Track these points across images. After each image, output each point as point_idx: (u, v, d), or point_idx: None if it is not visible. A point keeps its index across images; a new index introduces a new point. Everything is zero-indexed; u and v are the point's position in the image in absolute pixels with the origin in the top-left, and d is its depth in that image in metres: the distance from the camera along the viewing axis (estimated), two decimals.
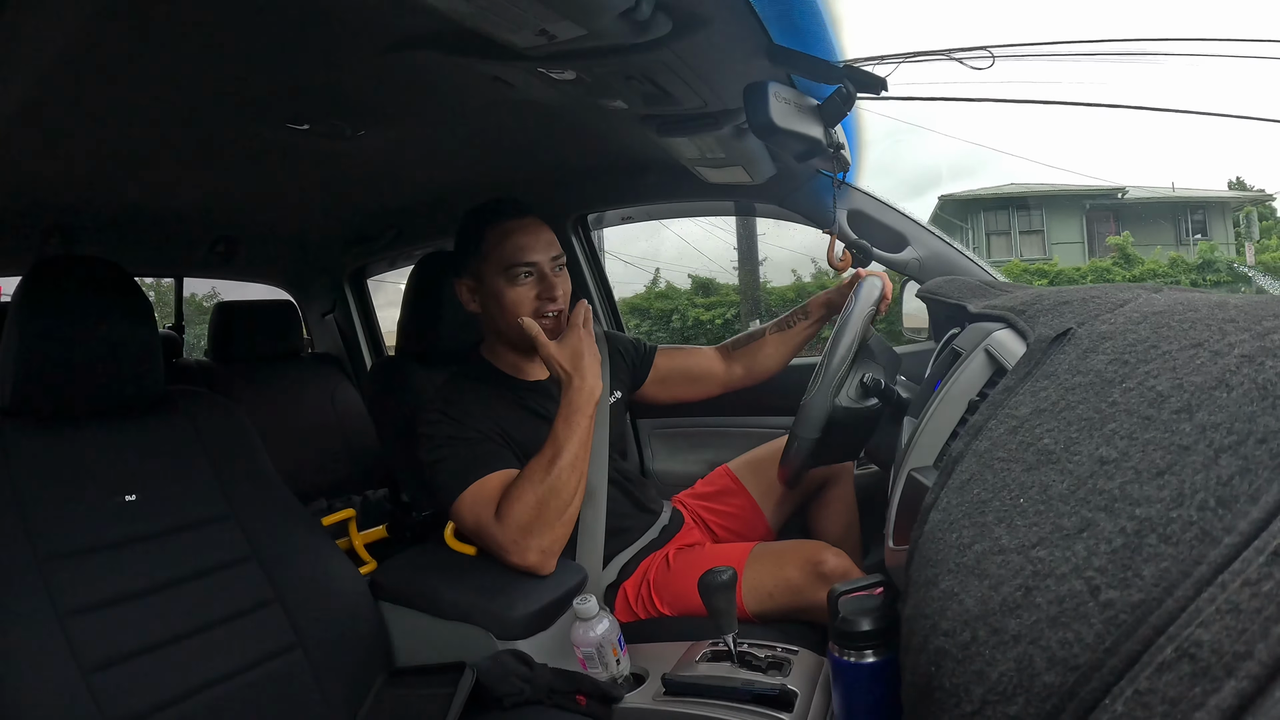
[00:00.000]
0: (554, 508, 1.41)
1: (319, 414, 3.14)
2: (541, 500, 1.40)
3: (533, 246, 1.57)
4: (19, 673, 1.06)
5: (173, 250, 2.80)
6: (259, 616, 1.33)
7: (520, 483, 1.43)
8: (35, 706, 1.05)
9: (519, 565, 1.41)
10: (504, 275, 1.56)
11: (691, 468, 2.39)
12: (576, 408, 1.46)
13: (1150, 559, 0.38)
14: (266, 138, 1.69)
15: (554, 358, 1.49)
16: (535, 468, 1.43)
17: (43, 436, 1.27)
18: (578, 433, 1.45)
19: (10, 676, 1.05)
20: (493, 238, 1.57)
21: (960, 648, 0.47)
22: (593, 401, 1.48)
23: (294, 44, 1.27)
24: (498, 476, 1.47)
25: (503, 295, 1.57)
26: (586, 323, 1.53)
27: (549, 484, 1.41)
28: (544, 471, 1.42)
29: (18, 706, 1.04)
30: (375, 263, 3.31)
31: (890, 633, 0.97)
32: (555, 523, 1.41)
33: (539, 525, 1.40)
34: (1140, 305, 0.68)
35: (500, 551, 1.42)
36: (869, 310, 1.55)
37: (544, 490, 1.40)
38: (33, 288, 1.28)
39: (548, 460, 1.43)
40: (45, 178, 1.82)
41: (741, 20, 1.19)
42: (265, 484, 1.47)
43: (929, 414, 1.06)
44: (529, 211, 1.61)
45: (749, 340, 1.99)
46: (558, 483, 1.41)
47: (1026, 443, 0.59)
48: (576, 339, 1.50)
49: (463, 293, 1.65)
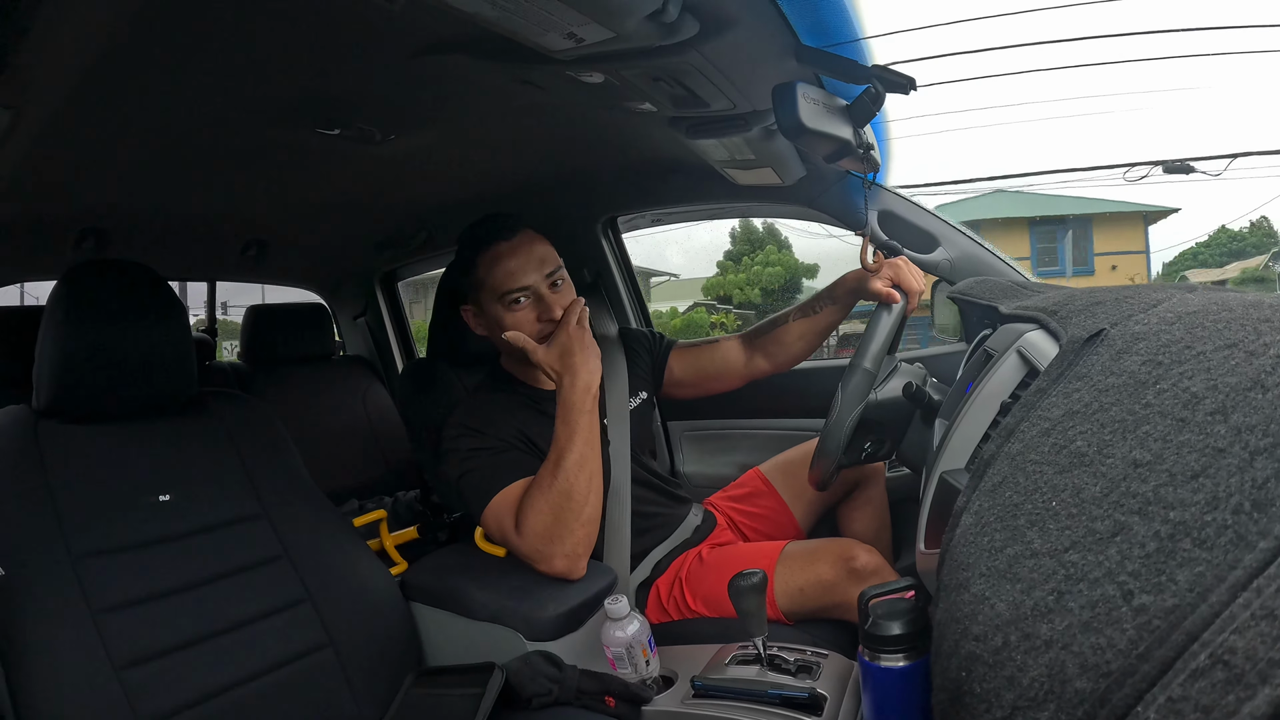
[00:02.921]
0: (569, 510, 1.40)
1: (350, 416, 3.16)
2: (555, 505, 1.39)
3: (524, 270, 1.54)
4: (52, 669, 1.08)
5: (205, 254, 2.83)
6: (290, 615, 1.34)
7: (531, 492, 1.42)
8: (68, 703, 1.07)
9: (549, 574, 1.41)
10: (500, 303, 1.55)
11: (723, 470, 2.39)
12: (572, 405, 1.45)
13: (1184, 563, 0.37)
14: (297, 142, 1.70)
15: (543, 362, 1.49)
16: (543, 474, 1.43)
17: (77, 437, 1.29)
18: (579, 431, 1.44)
19: (44, 673, 1.07)
20: (484, 265, 1.56)
21: (992, 653, 0.47)
22: (589, 395, 1.46)
23: (324, 49, 1.28)
24: (520, 485, 1.47)
25: (502, 322, 1.55)
26: (581, 320, 1.51)
27: (559, 488, 1.40)
28: (551, 475, 1.41)
29: (51, 702, 1.05)
30: (406, 266, 3.33)
31: (921, 637, 0.96)
32: (574, 525, 1.40)
33: (558, 530, 1.39)
34: (1174, 305, 0.67)
35: (528, 562, 1.43)
36: (901, 307, 1.54)
37: (555, 495, 1.40)
38: (67, 292, 1.30)
39: (553, 464, 1.42)
40: (79, 183, 1.84)
41: (769, 21, 1.18)
42: (297, 484, 1.49)
43: (961, 416, 1.05)
44: (519, 227, 1.59)
45: (771, 327, 1.89)
46: (567, 485, 1.40)
47: (1059, 445, 0.59)
48: (565, 337, 1.48)
49: (469, 318, 1.65)
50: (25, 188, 1.76)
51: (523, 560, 1.44)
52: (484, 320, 1.62)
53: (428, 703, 1.30)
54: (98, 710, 1.09)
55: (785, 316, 1.88)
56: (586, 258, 2.47)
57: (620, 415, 1.70)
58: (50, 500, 1.20)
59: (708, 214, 2.69)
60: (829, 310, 1.82)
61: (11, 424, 1.26)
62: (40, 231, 2.12)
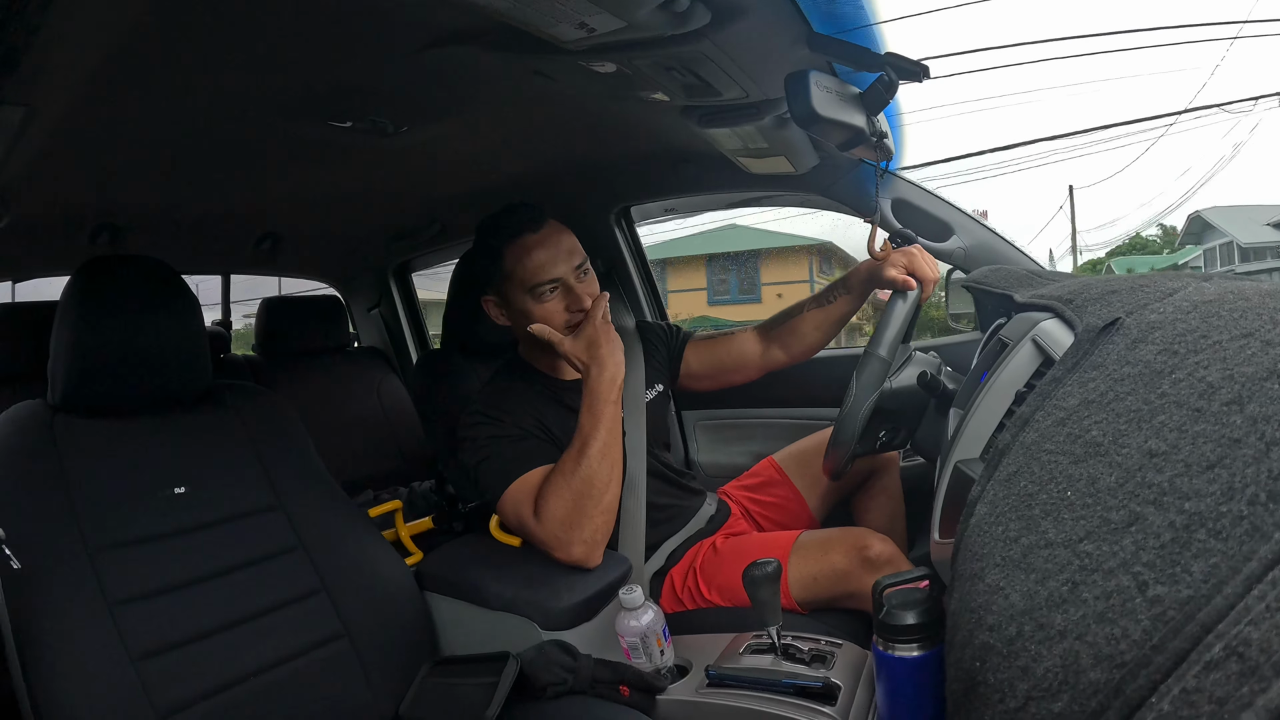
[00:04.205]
0: (590, 498, 1.41)
1: (365, 407, 3.17)
2: (577, 492, 1.41)
3: (554, 262, 1.54)
4: (69, 661, 1.09)
5: (219, 248, 2.84)
6: (306, 606, 1.35)
7: (553, 478, 1.44)
8: (85, 694, 1.08)
9: (565, 561, 1.42)
10: (529, 295, 1.55)
11: (736, 459, 2.39)
12: (598, 395, 1.46)
13: (1199, 554, 0.37)
14: (309, 135, 1.71)
15: (571, 352, 1.50)
16: (566, 461, 1.44)
17: (93, 430, 1.30)
18: (604, 421, 1.45)
19: (61, 664, 1.08)
20: (511, 257, 1.55)
21: (1005, 643, 0.47)
22: (615, 387, 1.48)
23: (334, 42, 1.28)
24: (538, 472, 1.48)
25: (530, 313, 1.55)
26: (605, 316, 1.53)
27: (581, 475, 1.42)
28: (574, 463, 1.43)
29: (68, 693, 1.06)
30: (420, 257, 3.34)
31: (935, 627, 0.96)
32: (594, 513, 1.42)
33: (577, 517, 1.40)
34: (1190, 294, 0.67)
35: (545, 549, 1.44)
36: (913, 297, 1.53)
37: (577, 482, 1.41)
38: (82, 286, 1.30)
39: (576, 451, 1.44)
40: (93, 178, 1.85)
41: (781, 9, 1.18)
42: (312, 476, 1.49)
43: (975, 405, 1.05)
44: (544, 218, 1.59)
45: (786, 318, 1.87)
46: (589, 472, 1.42)
47: (1074, 435, 0.59)
48: (592, 329, 1.50)
49: (490, 309, 1.65)
50: (40, 183, 1.77)
51: (539, 547, 1.45)
52: (508, 311, 1.62)
53: (443, 692, 1.31)
54: (114, 701, 1.10)
55: (800, 307, 1.86)
56: (600, 249, 2.47)
57: (636, 407, 1.71)
58: (66, 493, 1.21)
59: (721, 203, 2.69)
60: (844, 300, 1.80)
61: (27, 418, 1.27)
62: (55, 227, 2.13)
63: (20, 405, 1.29)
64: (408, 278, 3.45)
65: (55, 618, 1.10)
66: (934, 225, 1.96)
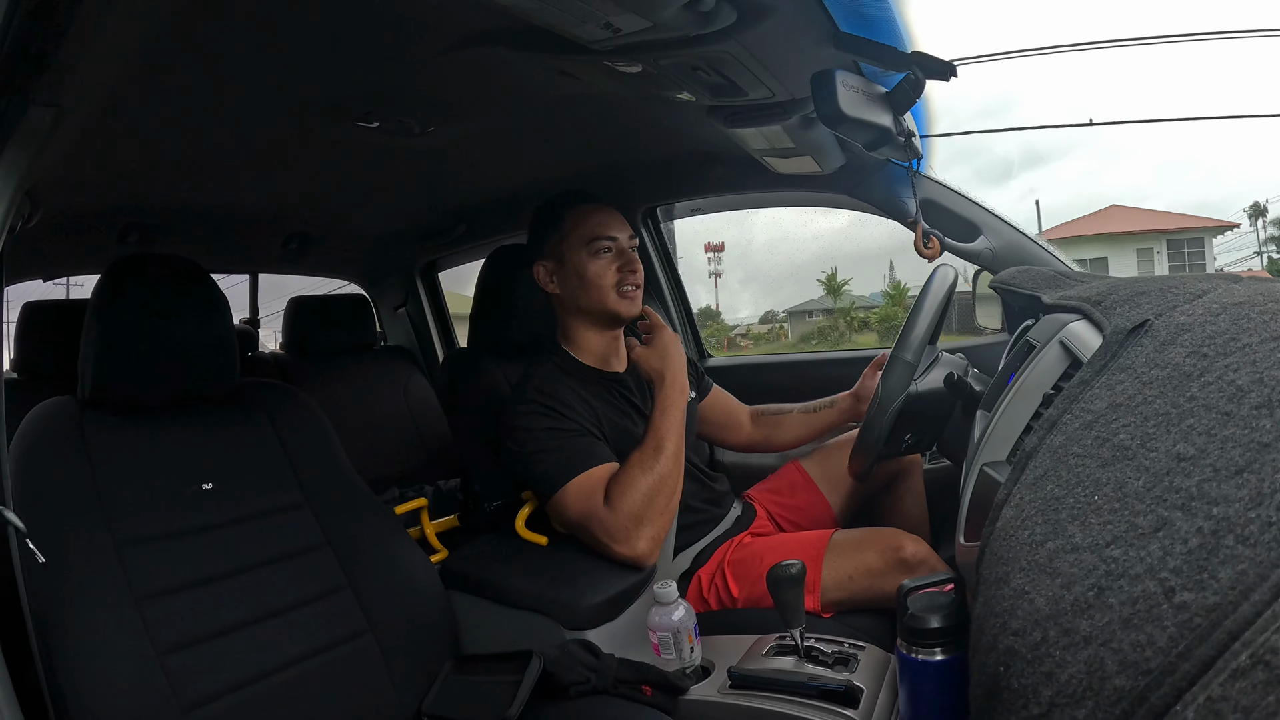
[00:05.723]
0: (663, 496, 1.44)
1: (392, 405, 3.19)
2: (652, 489, 1.43)
3: (611, 224, 1.64)
4: (96, 655, 1.10)
5: (247, 247, 2.86)
6: (331, 602, 1.36)
7: (630, 471, 1.45)
8: (112, 687, 1.09)
9: (627, 555, 1.43)
10: (586, 249, 1.61)
11: (763, 461, 2.38)
12: (670, 402, 1.52)
13: (1227, 560, 0.36)
14: (337, 136, 1.73)
15: (645, 359, 1.56)
16: (643, 458, 1.46)
17: (122, 427, 1.32)
18: (675, 427, 1.50)
19: (87, 657, 1.09)
20: (572, 218, 1.64)
21: (1030, 648, 0.46)
22: (684, 397, 1.53)
23: (362, 43, 1.30)
24: (604, 469, 1.49)
25: (585, 269, 1.61)
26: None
27: (658, 473, 1.44)
28: (652, 460, 1.45)
29: (94, 687, 1.07)
30: (447, 257, 3.35)
31: (959, 630, 0.96)
32: (664, 511, 1.45)
33: (650, 514, 1.42)
34: (1219, 296, 0.66)
35: (609, 540, 1.43)
36: (942, 297, 1.52)
37: (654, 479, 1.44)
38: (112, 284, 1.32)
39: (653, 450, 1.47)
40: (122, 178, 1.88)
41: (807, 8, 1.17)
42: (338, 473, 1.50)
43: (1002, 408, 1.04)
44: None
45: (776, 413, 2.05)
46: (665, 472, 1.45)
47: (1102, 438, 0.58)
48: (665, 340, 1.58)
49: (540, 274, 1.68)
50: (70, 184, 1.79)
51: (600, 540, 1.45)
52: (560, 273, 1.66)
53: (466, 689, 1.31)
54: (141, 694, 1.11)
55: (789, 408, 2.05)
56: None
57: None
58: (94, 489, 1.22)
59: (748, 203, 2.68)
60: (827, 413, 1.98)
61: (57, 415, 1.28)
62: (84, 226, 2.16)
63: (50, 401, 1.30)
64: (434, 277, 3.46)
65: (81, 611, 1.11)
66: (961, 226, 1.94)
